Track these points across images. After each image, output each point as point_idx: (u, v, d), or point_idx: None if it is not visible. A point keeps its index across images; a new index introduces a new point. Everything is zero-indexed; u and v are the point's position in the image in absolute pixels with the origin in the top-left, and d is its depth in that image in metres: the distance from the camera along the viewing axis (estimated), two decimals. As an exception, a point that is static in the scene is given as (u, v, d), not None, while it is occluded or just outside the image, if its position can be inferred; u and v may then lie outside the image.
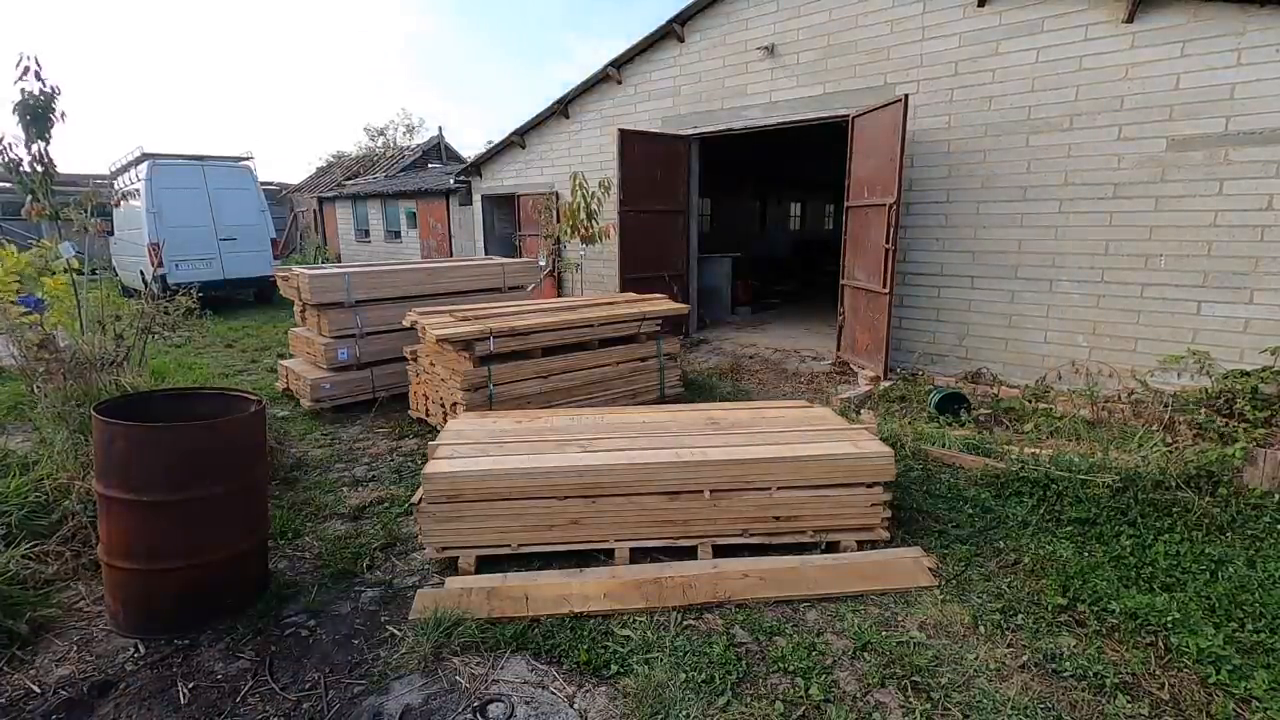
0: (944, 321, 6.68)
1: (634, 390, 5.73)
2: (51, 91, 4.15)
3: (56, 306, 4.46)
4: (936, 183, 6.52)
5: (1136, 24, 5.28)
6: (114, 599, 2.74)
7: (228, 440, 2.77)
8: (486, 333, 4.81)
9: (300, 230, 22.50)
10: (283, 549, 3.43)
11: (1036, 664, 2.48)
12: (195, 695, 2.39)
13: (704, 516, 3.28)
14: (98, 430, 2.65)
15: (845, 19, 6.95)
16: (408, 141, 31.23)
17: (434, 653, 2.57)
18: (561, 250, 10.50)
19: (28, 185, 4.30)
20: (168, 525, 2.65)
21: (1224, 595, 2.81)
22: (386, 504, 3.95)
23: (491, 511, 3.19)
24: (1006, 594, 2.91)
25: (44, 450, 3.85)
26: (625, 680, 2.43)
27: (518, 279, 7.21)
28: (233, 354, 8.69)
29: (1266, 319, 4.97)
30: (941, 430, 4.89)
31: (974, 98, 6.18)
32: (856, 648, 2.59)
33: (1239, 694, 2.31)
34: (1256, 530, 3.34)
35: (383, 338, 5.95)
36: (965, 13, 6.13)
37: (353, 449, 4.95)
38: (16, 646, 2.62)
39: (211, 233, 11.98)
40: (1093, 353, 5.80)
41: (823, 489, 3.32)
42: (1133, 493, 3.66)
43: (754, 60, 7.77)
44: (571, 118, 9.93)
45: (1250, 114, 4.89)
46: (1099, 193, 5.61)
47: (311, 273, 5.81)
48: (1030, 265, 6.06)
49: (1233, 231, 5.06)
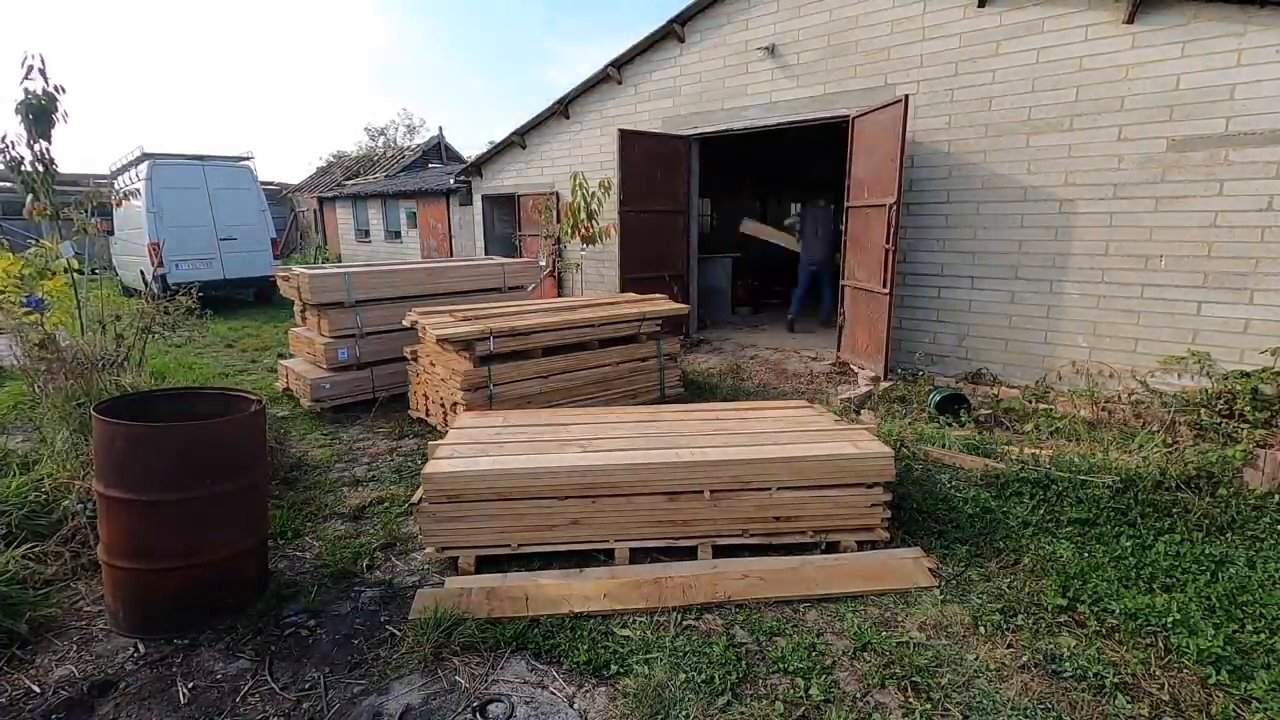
0: (944, 322, 6.68)
1: (634, 390, 5.73)
2: (55, 92, 4.15)
3: (57, 306, 4.47)
4: (937, 183, 6.52)
5: (1137, 24, 5.28)
6: (114, 599, 2.74)
7: (228, 440, 2.77)
8: (487, 333, 4.81)
9: (300, 230, 22.50)
10: (283, 549, 3.43)
11: (1036, 664, 2.48)
12: (195, 695, 2.39)
13: (704, 517, 3.28)
14: (98, 430, 2.65)
15: (846, 19, 6.95)
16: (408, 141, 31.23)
17: (434, 653, 2.57)
18: (562, 250, 10.50)
19: (29, 184, 4.30)
20: (167, 525, 2.65)
21: (1224, 596, 2.80)
22: (386, 504, 3.95)
23: (492, 511, 3.19)
24: (1006, 594, 2.91)
25: (44, 450, 3.86)
26: (625, 680, 2.43)
27: (518, 279, 7.21)
28: (233, 354, 8.69)
29: (1266, 319, 4.97)
30: (941, 430, 4.89)
31: (974, 98, 6.18)
32: (856, 648, 2.59)
33: (1239, 694, 2.30)
34: (1257, 531, 3.34)
35: (383, 338, 5.95)
36: (965, 13, 6.13)
37: (353, 449, 4.95)
38: (16, 646, 2.62)
39: (211, 232, 11.98)
40: (1093, 353, 5.80)
41: (823, 489, 3.32)
42: (1133, 493, 3.66)
43: (754, 60, 7.77)
44: (572, 118, 9.93)
45: (1250, 114, 4.89)
46: (1099, 193, 5.61)
47: (311, 273, 5.81)
48: (1030, 265, 6.06)
49: (1233, 232, 5.06)
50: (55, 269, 4.67)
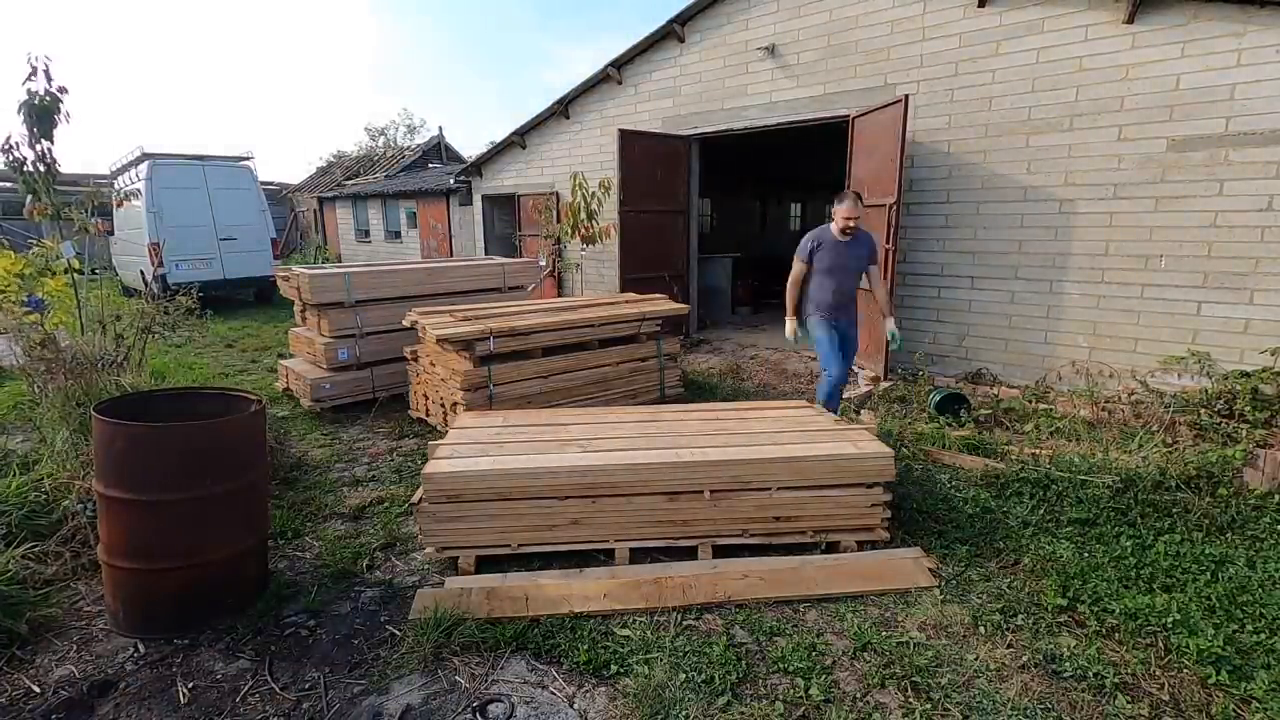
0: (944, 322, 6.68)
1: (634, 390, 5.73)
2: (58, 92, 4.15)
3: (57, 306, 4.47)
4: (937, 183, 6.52)
5: (1137, 24, 5.28)
6: (114, 599, 2.74)
7: (228, 440, 2.77)
8: (487, 333, 4.81)
9: (300, 230, 22.50)
10: (283, 549, 3.43)
11: (1036, 664, 2.48)
12: (195, 695, 2.39)
13: (704, 517, 3.28)
14: (98, 430, 2.65)
15: (846, 19, 6.94)
16: (408, 141, 31.24)
17: (434, 653, 2.57)
18: (562, 250, 10.50)
19: (31, 184, 4.30)
20: (168, 525, 2.65)
21: (1224, 596, 2.81)
22: (386, 504, 3.95)
23: (492, 511, 3.19)
24: (1006, 594, 2.91)
25: (44, 450, 3.86)
26: (625, 680, 2.43)
27: (518, 279, 7.20)
28: (233, 354, 8.69)
29: (1266, 319, 4.96)
30: (942, 430, 4.89)
31: (974, 98, 6.18)
32: (856, 648, 2.59)
33: (1239, 694, 2.31)
34: (1257, 530, 3.35)
35: (383, 338, 5.94)
36: (965, 13, 6.13)
37: (353, 449, 4.95)
38: (16, 646, 2.62)
39: (211, 232, 11.98)
40: (1093, 353, 5.80)
41: (823, 489, 3.32)
42: (1133, 493, 3.66)
43: (754, 60, 7.76)
44: (572, 118, 9.92)
45: (1250, 114, 4.89)
46: (1099, 193, 5.61)
47: (311, 273, 5.81)
48: (1030, 265, 6.06)
49: (1233, 232, 5.05)
50: (56, 269, 4.67)
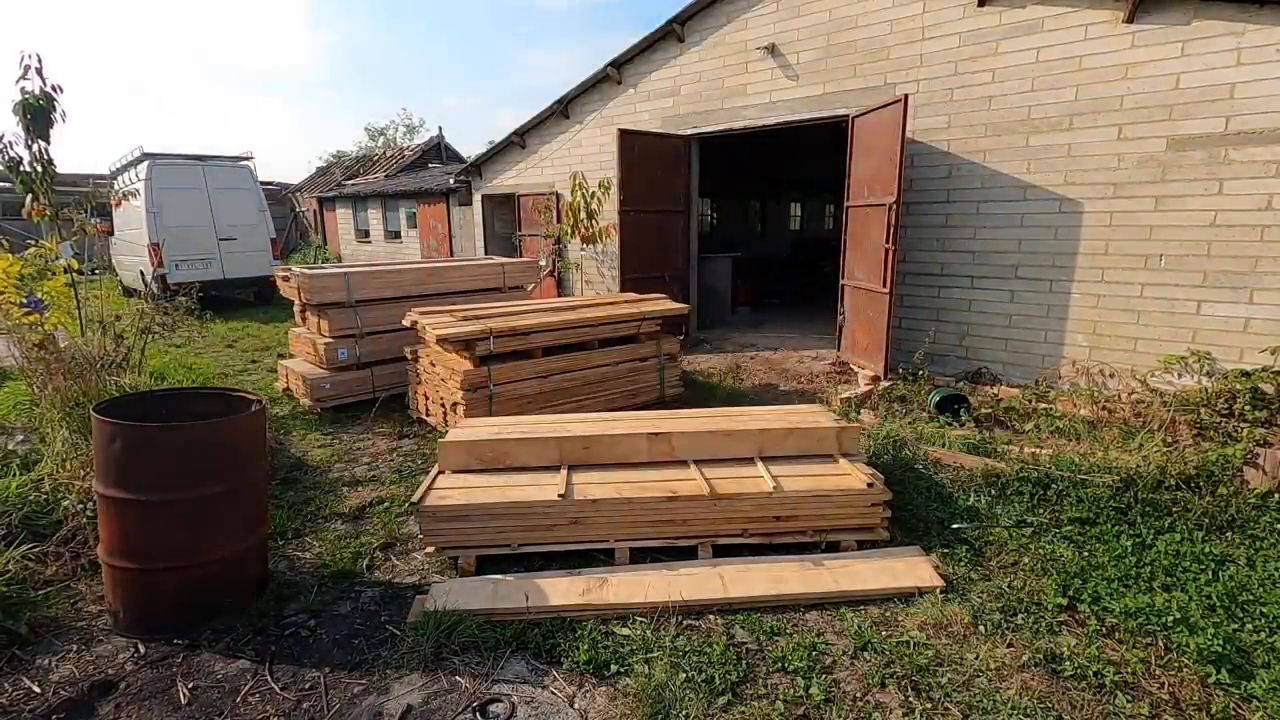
0: (944, 321, 6.68)
1: (634, 390, 5.73)
2: (52, 91, 4.15)
3: (57, 307, 4.46)
4: (936, 182, 6.52)
5: (1136, 24, 5.28)
6: (114, 599, 2.74)
7: (228, 440, 2.77)
8: (487, 332, 4.81)
9: (300, 230, 22.48)
10: (283, 549, 3.43)
11: (1036, 664, 2.48)
12: (195, 695, 2.39)
13: (704, 516, 3.28)
14: (98, 430, 2.64)
15: (845, 19, 6.94)
16: (408, 141, 31.22)
17: (434, 653, 2.57)
18: (562, 250, 10.49)
19: (28, 184, 4.30)
20: (167, 525, 2.65)
21: (1224, 595, 2.81)
22: (386, 504, 3.95)
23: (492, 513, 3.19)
24: (1006, 594, 2.91)
25: (44, 450, 3.85)
26: (625, 680, 2.43)
27: (518, 279, 7.20)
28: (233, 354, 8.68)
29: (1266, 319, 4.96)
30: (941, 430, 4.89)
31: (974, 97, 6.17)
32: (857, 648, 2.59)
33: (1239, 693, 2.31)
34: (1257, 530, 3.34)
35: (383, 338, 5.94)
36: (965, 12, 6.13)
37: (353, 449, 4.95)
38: (16, 646, 2.62)
39: (211, 233, 11.97)
40: (1093, 353, 5.79)
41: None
42: (1133, 493, 3.66)
43: (754, 60, 7.76)
44: (571, 117, 9.92)
45: (1250, 114, 4.88)
46: (1099, 192, 5.61)
47: (311, 273, 5.81)
48: (1030, 265, 6.05)
49: (1233, 231, 5.05)
50: (55, 269, 4.67)
